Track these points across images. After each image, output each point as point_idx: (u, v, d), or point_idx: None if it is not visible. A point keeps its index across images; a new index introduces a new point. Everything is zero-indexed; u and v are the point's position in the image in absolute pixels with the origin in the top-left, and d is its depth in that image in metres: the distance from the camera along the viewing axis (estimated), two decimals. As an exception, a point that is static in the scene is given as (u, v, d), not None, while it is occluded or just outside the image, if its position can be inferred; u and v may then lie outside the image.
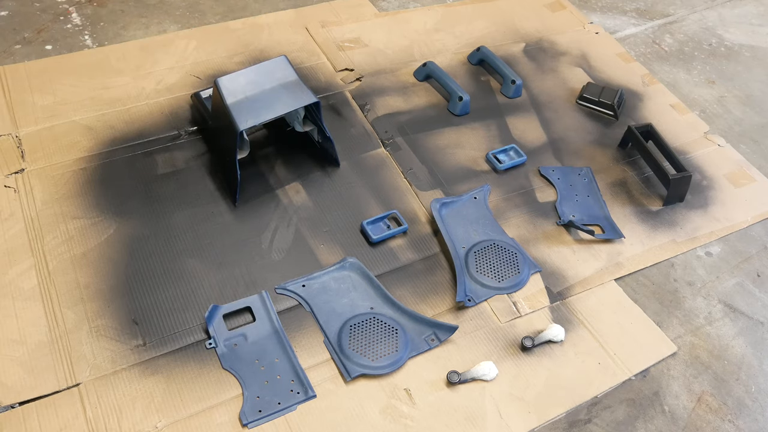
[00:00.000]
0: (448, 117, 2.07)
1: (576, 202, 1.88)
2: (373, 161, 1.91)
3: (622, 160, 2.04)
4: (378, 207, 1.79)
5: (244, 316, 1.53)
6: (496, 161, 1.94)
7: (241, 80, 1.66)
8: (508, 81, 2.15)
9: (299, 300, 1.57)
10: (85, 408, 1.35)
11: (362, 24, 2.34)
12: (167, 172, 1.78)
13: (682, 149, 2.10)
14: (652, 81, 2.33)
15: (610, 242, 1.80)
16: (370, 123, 2.01)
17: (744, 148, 2.17)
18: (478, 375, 1.47)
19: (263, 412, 1.38)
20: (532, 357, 1.54)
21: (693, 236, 1.87)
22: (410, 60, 2.23)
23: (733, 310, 1.74)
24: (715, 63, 2.51)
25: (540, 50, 2.37)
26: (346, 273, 1.63)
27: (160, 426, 1.34)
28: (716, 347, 1.66)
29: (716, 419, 1.53)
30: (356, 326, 1.52)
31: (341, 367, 1.46)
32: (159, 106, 1.95)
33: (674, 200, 1.93)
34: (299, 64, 2.14)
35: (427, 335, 1.53)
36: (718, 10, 2.77)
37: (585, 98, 2.18)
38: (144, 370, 1.41)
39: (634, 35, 2.58)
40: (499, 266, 1.68)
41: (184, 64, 2.08)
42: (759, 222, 1.95)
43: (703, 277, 1.80)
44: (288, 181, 1.81)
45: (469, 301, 1.61)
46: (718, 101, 2.35)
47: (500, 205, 1.85)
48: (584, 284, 1.70)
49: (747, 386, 1.59)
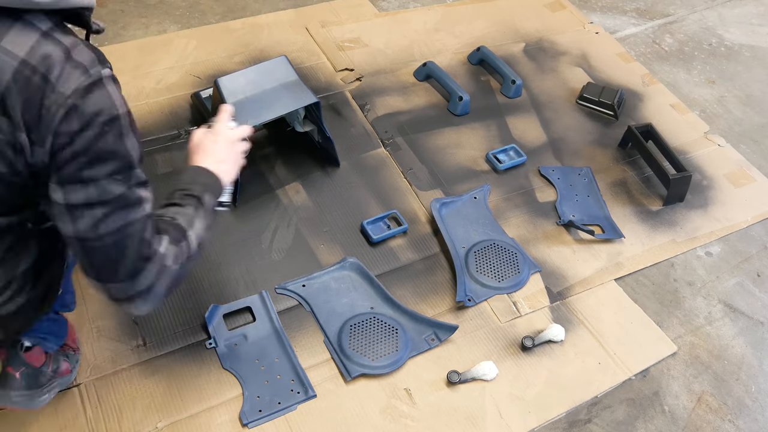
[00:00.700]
0: (448, 117, 2.07)
1: (576, 202, 1.88)
2: (373, 161, 1.91)
3: (622, 160, 2.04)
4: (378, 207, 1.79)
5: (244, 316, 1.53)
6: (496, 161, 1.94)
7: (241, 80, 1.66)
8: (508, 81, 2.15)
9: (299, 300, 1.57)
10: (85, 408, 1.35)
11: (362, 24, 2.34)
12: (167, 171, 1.78)
13: (682, 149, 2.10)
14: (652, 81, 2.33)
15: (610, 242, 1.80)
16: (370, 123, 2.01)
17: (744, 148, 2.17)
18: (478, 375, 1.47)
19: (263, 411, 1.38)
20: (532, 357, 1.54)
21: (693, 236, 1.87)
22: (410, 60, 2.23)
23: (733, 310, 1.74)
24: (715, 63, 2.51)
25: (540, 50, 2.37)
26: (346, 273, 1.62)
27: (160, 426, 1.34)
28: (716, 347, 1.66)
29: (716, 419, 1.53)
30: (356, 326, 1.52)
31: (341, 367, 1.46)
32: (159, 105, 1.95)
33: (674, 200, 1.93)
34: (299, 64, 2.14)
35: (427, 335, 1.53)
36: (718, 10, 2.77)
37: (585, 98, 2.18)
38: (144, 370, 1.41)
39: (634, 35, 2.58)
40: (499, 266, 1.68)
41: (183, 64, 2.08)
42: (759, 222, 1.95)
43: (703, 277, 1.80)
44: (288, 181, 1.81)
45: (469, 300, 1.61)
46: (718, 101, 2.35)
47: (500, 205, 1.85)
48: (584, 284, 1.70)
49: (747, 386, 1.59)
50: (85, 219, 0.90)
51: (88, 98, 0.85)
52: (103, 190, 0.89)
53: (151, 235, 0.96)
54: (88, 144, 0.86)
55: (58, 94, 0.83)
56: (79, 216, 0.90)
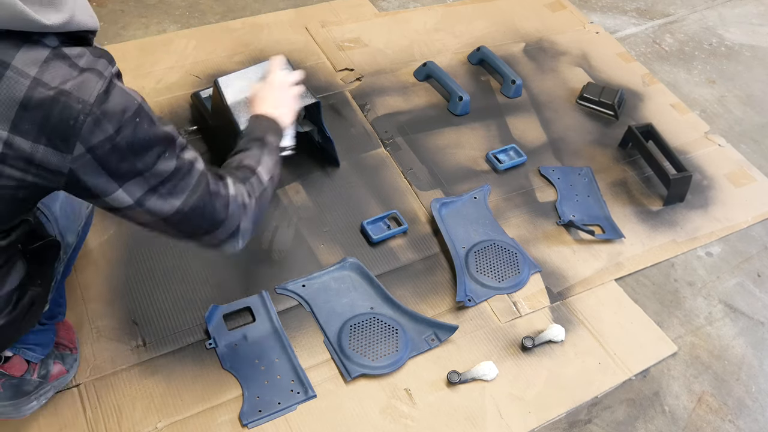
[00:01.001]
0: (448, 117, 2.07)
1: (576, 202, 1.88)
2: (373, 161, 1.91)
3: (623, 160, 2.03)
4: (378, 207, 1.79)
5: (244, 316, 1.53)
6: (496, 161, 1.94)
7: (241, 80, 1.66)
8: (508, 81, 2.15)
9: (299, 300, 1.57)
10: (85, 408, 1.35)
11: (362, 24, 2.34)
12: (167, 172, 1.78)
13: (683, 149, 2.10)
14: (652, 81, 2.33)
15: (610, 242, 1.80)
16: (370, 123, 2.01)
17: (744, 147, 2.17)
18: (478, 375, 1.47)
19: (263, 412, 1.37)
20: (532, 357, 1.54)
21: (693, 236, 1.87)
22: (410, 60, 2.23)
23: (734, 310, 1.74)
24: (715, 63, 2.51)
25: (540, 50, 2.36)
26: (346, 273, 1.62)
27: (160, 426, 1.34)
28: (716, 347, 1.66)
29: (716, 419, 1.52)
30: (356, 326, 1.52)
31: (341, 367, 1.46)
32: (158, 105, 1.95)
33: (674, 200, 1.93)
34: (299, 64, 2.14)
35: (427, 335, 1.53)
36: (719, 10, 2.77)
37: (585, 98, 2.17)
38: (144, 370, 1.41)
39: (634, 35, 2.58)
40: (499, 266, 1.68)
41: (183, 64, 2.08)
42: (759, 222, 1.95)
43: (704, 277, 1.80)
44: (288, 181, 1.81)
45: (469, 301, 1.61)
46: (719, 101, 2.35)
47: (500, 205, 1.85)
48: (584, 284, 1.70)
49: (747, 386, 1.59)
50: (157, 204, 0.95)
51: (111, 100, 0.86)
52: (159, 173, 0.94)
53: (216, 183, 1.03)
54: (129, 141, 0.89)
55: (82, 103, 0.84)
56: (151, 204, 0.95)
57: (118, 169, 0.89)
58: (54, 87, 0.83)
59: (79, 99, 0.84)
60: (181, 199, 0.97)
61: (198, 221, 1.01)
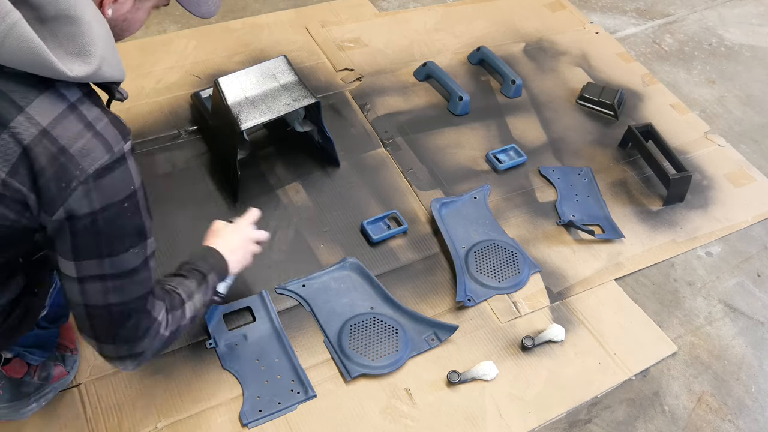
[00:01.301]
0: (448, 117, 2.07)
1: (576, 202, 1.88)
2: (373, 161, 1.91)
3: (622, 160, 2.03)
4: (378, 207, 1.79)
5: (244, 316, 1.53)
6: (496, 161, 1.94)
7: (242, 80, 1.66)
8: (508, 81, 2.15)
9: (299, 300, 1.57)
10: (85, 408, 1.35)
11: (362, 24, 2.34)
12: (167, 171, 1.78)
13: (682, 149, 2.10)
14: (652, 81, 2.33)
15: (610, 242, 1.80)
16: (370, 123, 2.01)
17: (744, 148, 2.17)
18: (478, 375, 1.47)
19: (263, 411, 1.37)
20: (532, 357, 1.54)
21: (693, 236, 1.87)
22: (410, 60, 2.23)
23: (734, 310, 1.74)
24: (715, 63, 2.51)
25: (540, 50, 2.37)
26: (346, 273, 1.62)
27: (160, 426, 1.34)
28: (716, 347, 1.66)
29: (716, 419, 1.52)
30: (356, 326, 1.52)
31: (341, 367, 1.46)
32: (159, 105, 1.95)
33: (674, 200, 1.93)
34: (299, 64, 2.14)
35: (427, 335, 1.53)
36: (718, 10, 2.77)
37: (585, 98, 2.17)
38: (144, 370, 1.41)
39: (634, 35, 2.58)
40: (499, 266, 1.68)
41: (183, 64, 2.08)
42: (759, 222, 1.95)
43: (704, 277, 1.80)
44: (288, 181, 1.81)
45: (469, 301, 1.61)
46: (718, 101, 2.35)
47: (500, 205, 1.85)
48: (584, 284, 1.70)
49: (747, 386, 1.59)
50: (96, 290, 0.91)
51: (110, 177, 0.85)
52: (119, 264, 0.90)
53: (152, 305, 0.98)
54: (109, 223, 0.86)
55: (80, 170, 0.82)
56: (90, 288, 0.91)
57: (84, 245, 0.87)
58: (60, 145, 0.81)
59: (79, 165, 0.82)
60: (119, 299, 0.93)
61: (115, 327, 0.95)
